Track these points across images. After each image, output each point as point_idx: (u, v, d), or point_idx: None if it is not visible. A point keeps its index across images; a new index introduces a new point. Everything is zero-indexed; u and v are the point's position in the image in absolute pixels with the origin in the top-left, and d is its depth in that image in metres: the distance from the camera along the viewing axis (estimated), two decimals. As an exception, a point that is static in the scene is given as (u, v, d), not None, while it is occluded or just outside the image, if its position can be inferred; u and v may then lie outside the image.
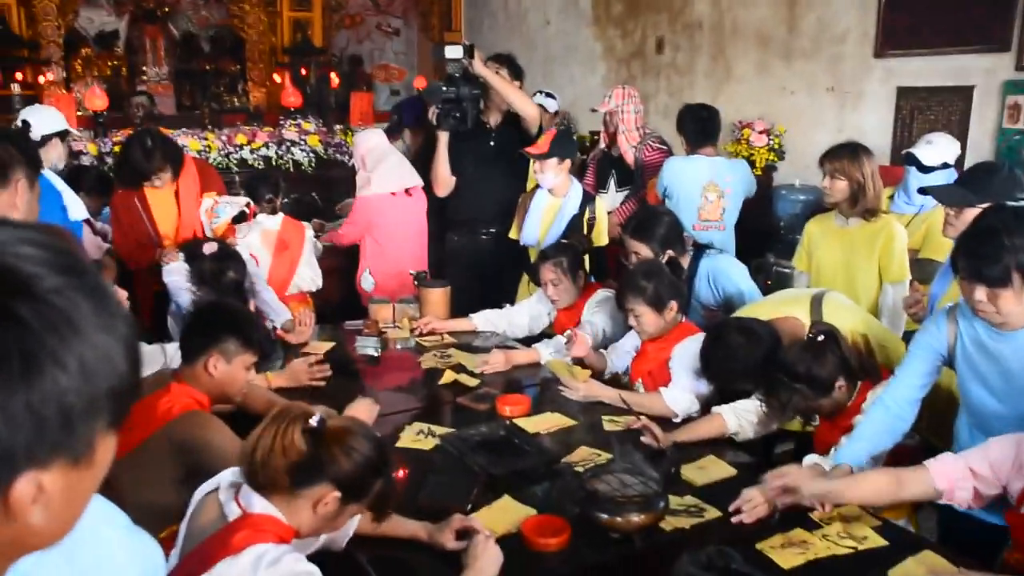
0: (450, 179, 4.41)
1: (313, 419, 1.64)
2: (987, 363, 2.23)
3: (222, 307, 2.54)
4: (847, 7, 5.09)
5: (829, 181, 3.33)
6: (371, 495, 1.68)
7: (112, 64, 9.06)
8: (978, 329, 2.23)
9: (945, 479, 1.97)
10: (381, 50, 10.42)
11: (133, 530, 1.01)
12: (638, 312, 2.93)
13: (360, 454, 1.64)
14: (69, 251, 0.66)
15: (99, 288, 0.66)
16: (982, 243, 2.06)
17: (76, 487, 0.66)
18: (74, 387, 0.62)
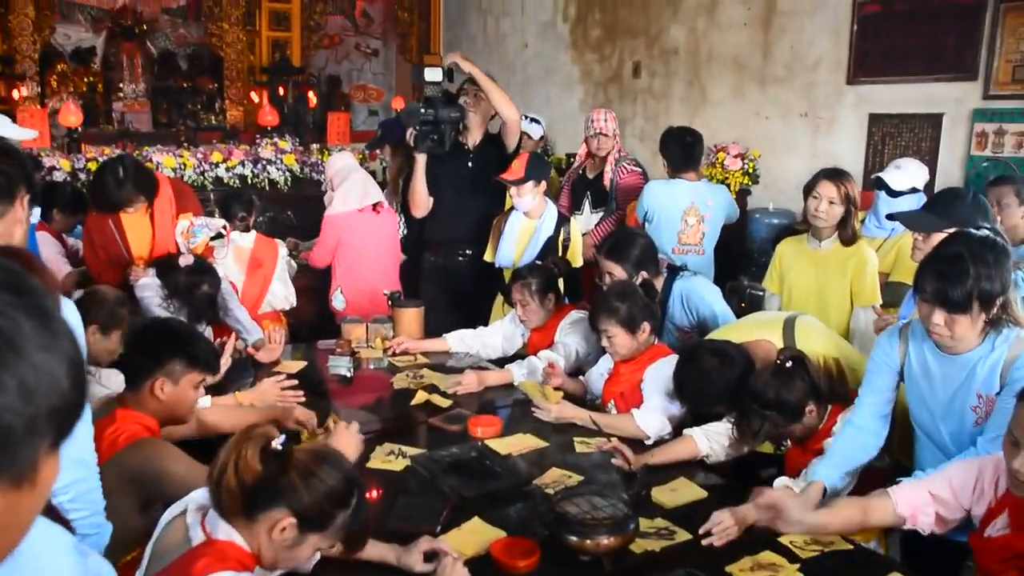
0: (428, 200, 4.40)
1: (276, 441, 1.60)
2: (928, 384, 2.28)
3: (164, 327, 2.46)
4: (820, 35, 5.17)
5: (827, 205, 3.32)
6: (334, 527, 1.64)
7: (88, 80, 9.01)
8: (926, 350, 2.28)
9: (907, 506, 2.01)
10: (359, 71, 10.45)
11: (80, 551, 0.99)
12: (611, 333, 2.93)
13: (322, 483, 1.60)
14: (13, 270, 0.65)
15: (42, 307, 0.65)
16: (947, 268, 2.09)
17: (18, 507, 0.65)
18: (13, 406, 0.61)
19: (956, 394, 2.21)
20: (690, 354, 2.74)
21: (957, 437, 2.24)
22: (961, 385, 2.19)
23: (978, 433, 2.16)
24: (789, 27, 5.36)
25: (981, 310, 2.08)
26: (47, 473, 0.67)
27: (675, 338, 3.40)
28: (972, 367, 2.17)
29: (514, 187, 3.93)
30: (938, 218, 2.71)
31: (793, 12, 5.33)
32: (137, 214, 3.86)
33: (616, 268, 3.35)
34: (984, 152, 4.41)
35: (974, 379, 2.16)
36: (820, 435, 2.46)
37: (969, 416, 2.18)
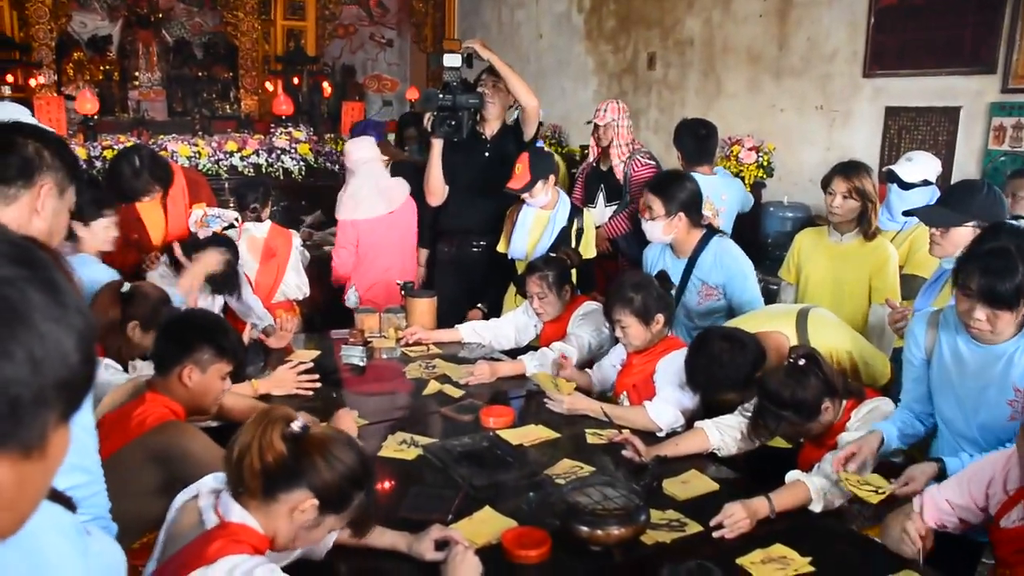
0: (443, 188, 4.39)
1: (296, 423, 1.62)
2: (959, 374, 2.26)
3: (195, 317, 2.52)
4: (837, 27, 5.13)
5: (841, 200, 3.31)
6: (351, 508, 1.66)
7: (104, 68, 9.04)
8: (958, 340, 2.26)
9: (932, 519, 2.04)
10: (374, 60, 10.46)
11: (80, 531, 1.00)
12: (625, 323, 2.93)
13: (342, 464, 1.63)
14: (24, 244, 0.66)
15: (52, 280, 0.66)
16: (994, 263, 2.07)
17: (28, 479, 0.66)
18: (21, 377, 0.62)
19: (990, 385, 2.19)
20: (701, 340, 2.74)
21: (988, 430, 2.22)
22: (997, 376, 2.18)
23: (1014, 427, 2.14)
24: (805, 19, 5.33)
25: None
26: (56, 445, 0.68)
27: (698, 293, 3.40)
28: (1009, 358, 2.16)
29: (525, 193, 3.92)
30: (955, 212, 2.68)
31: (810, 3, 5.29)
32: (151, 203, 3.88)
33: (656, 202, 3.35)
34: (1002, 146, 4.37)
35: (1011, 370, 2.15)
36: (834, 431, 2.45)
37: (1004, 410, 2.16)
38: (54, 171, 1.76)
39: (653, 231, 3.42)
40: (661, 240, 3.45)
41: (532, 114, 4.30)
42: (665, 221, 3.35)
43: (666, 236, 3.41)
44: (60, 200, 1.79)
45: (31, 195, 1.72)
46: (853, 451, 2.25)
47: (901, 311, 2.95)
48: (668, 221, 3.35)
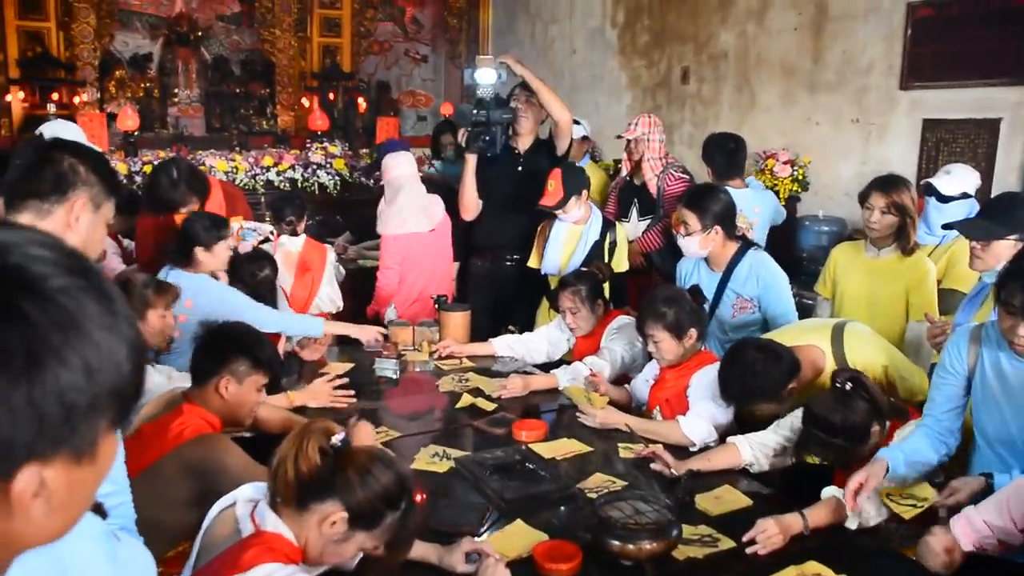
0: (477, 203, 4.41)
1: (336, 437, 1.65)
2: (1004, 390, 2.21)
3: (231, 329, 2.54)
4: (873, 39, 5.09)
5: (878, 215, 3.27)
6: (382, 527, 1.66)
7: (145, 86, 9.22)
8: (1001, 356, 2.21)
9: (969, 541, 1.98)
10: (409, 76, 10.54)
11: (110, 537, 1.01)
12: (657, 338, 2.92)
13: (376, 481, 1.64)
14: (77, 255, 0.68)
15: (105, 291, 0.68)
16: None
17: (79, 484, 0.67)
18: (76, 384, 0.63)
19: None
20: (735, 351, 2.72)
21: None
22: None
23: None
24: (841, 32, 5.29)
25: None
26: (105, 453, 0.69)
27: (732, 306, 3.38)
28: None
29: (558, 210, 3.92)
30: (996, 225, 2.63)
31: (845, 16, 5.25)
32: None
33: (691, 217, 3.32)
34: (1043, 159, 4.30)
35: None
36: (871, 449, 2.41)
37: None
38: (89, 186, 1.78)
39: (689, 246, 3.40)
40: (697, 255, 3.43)
41: (565, 128, 4.31)
42: (701, 235, 3.34)
43: (702, 250, 3.39)
44: (95, 215, 1.81)
45: (65, 209, 1.74)
46: (861, 482, 2.17)
47: (940, 326, 2.90)
48: (704, 235, 3.34)
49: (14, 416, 0.60)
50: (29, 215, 1.71)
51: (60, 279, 0.64)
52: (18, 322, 0.61)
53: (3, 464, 0.62)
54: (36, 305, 0.62)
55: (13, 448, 0.61)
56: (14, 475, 0.62)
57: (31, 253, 0.64)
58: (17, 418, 0.60)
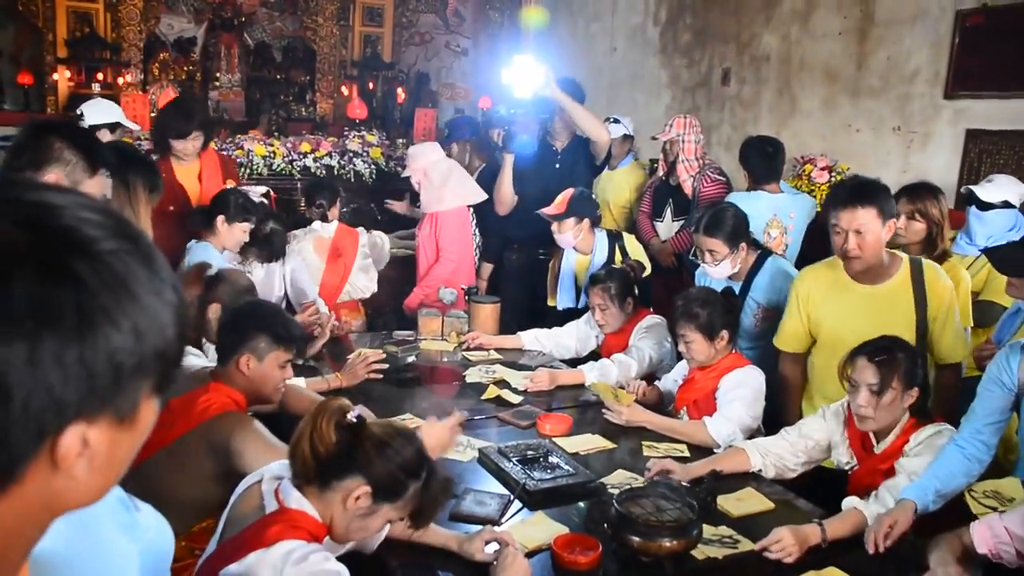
0: (513, 199, 4.44)
1: (351, 414, 1.67)
2: None
3: (253, 306, 2.56)
4: (919, 46, 5.01)
5: (905, 222, 3.23)
6: (406, 497, 1.69)
7: (187, 69, 9.30)
8: None
9: (984, 544, 1.94)
10: (448, 68, 10.55)
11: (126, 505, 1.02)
12: (689, 339, 2.91)
13: (396, 453, 1.66)
14: (124, 220, 0.69)
15: (152, 255, 0.69)
16: None
17: (119, 446, 0.69)
18: (125, 346, 0.64)
19: None
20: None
21: None
22: None
23: None
24: (887, 37, 5.21)
25: None
26: (146, 416, 0.70)
27: (753, 316, 3.35)
28: None
29: (554, 222, 3.92)
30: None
31: (892, 22, 5.18)
32: (189, 167, 4.04)
33: (715, 243, 3.28)
34: (1089, 174, 4.22)
35: None
36: (889, 454, 2.39)
37: None
38: (62, 164, 1.87)
39: (722, 272, 3.33)
40: (729, 275, 3.36)
41: (602, 147, 4.34)
42: (731, 257, 3.30)
43: (734, 270, 3.34)
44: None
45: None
46: (889, 527, 2.10)
47: (989, 347, 2.86)
48: (733, 256, 3.30)
49: (66, 374, 0.61)
50: None
51: (110, 242, 0.65)
52: (71, 283, 0.62)
53: (54, 421, 0.62)
54: (88, 266, 0.63)
55: (64, 406, 0.62)
56: (62, 433, 0.63)
57: (83, 216, 0.66)
58: (69, 376, 0.61)
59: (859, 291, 2.86)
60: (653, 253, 4.69)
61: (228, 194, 3.73)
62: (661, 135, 4.78)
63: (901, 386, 2.34)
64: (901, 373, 2.33)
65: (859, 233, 2.71)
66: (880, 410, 2.34)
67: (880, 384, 2.32)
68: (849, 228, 2.72)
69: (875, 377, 2.32)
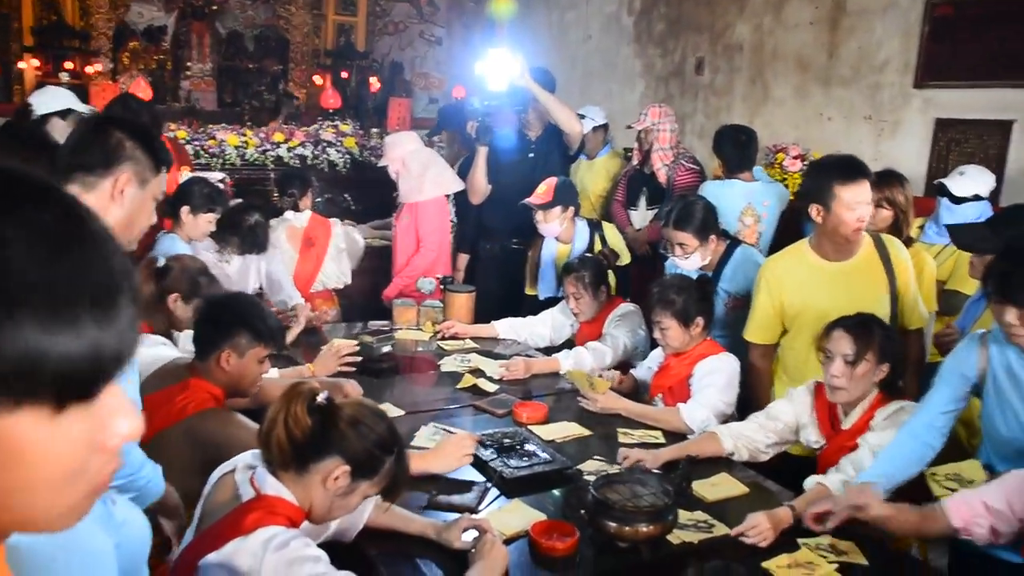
0: (486, 188, 4.44)
1: (321, 396, 1.67)
2: (1017, 390, 2.20)
3: (233, 301, 2.54)
4: (890, 36, 5.06)
5: (874, 209, 3.28)
6: (382, 473, 1.70)
7: (158, 58, 9.21)
8: (1010, 357, 2.20)
9: (960, 518, 1.96)
10: (422, 58, 10.51)
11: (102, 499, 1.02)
12: (665, 325, 2.93)
13: (370, 429, 1.68)
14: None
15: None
16: (1013, 264, 2.04)
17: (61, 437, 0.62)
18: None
19: None
20: None
21: None
22: None
23: None
24: (857, 27, 5.26)
25: None
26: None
27: (724, 305, 3.37)
28: None
29: (540, 212, 3.93)
30: (995, 237, 2.58)
31: (863, 12, 5.23)
32: None
33: (685, 236, 3.30)
34: (1055, 162, 4.30)
35: None
36: (855, 430, 2.42)
37: None
38: (134, 161, 1.81)
39: (691, 264, 3.34)
40: (699, 267, 3.37)
41: (575, 139, 4.34)
42: (700, 250, 3.33)
43: (704, 262, 3.36)
44: (141, 190, 1.83)
45: (110, 183, 1.77)
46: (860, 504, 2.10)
47: (953, 333, 2.91)
48: (704, 248, 3.33)
49: None
50: (76, 187, 1.73)
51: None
52: None
53: None
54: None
55: None
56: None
57: None
58: None
59: (831, 269, 2.91)
60: (628, 241, 4.71)
61: (193, 184, 3.68)
62: (636, 124, 4.80)
63: (875, 359, 2.39)
64: (876, 346, 2.39)
65: (870, 204, 2.81)
66: (853, 380, 2.39)
67: (855, 354, 2.37)
68: (867, 200, 2.79)
69: (851, 347, 2.37)
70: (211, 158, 5.73)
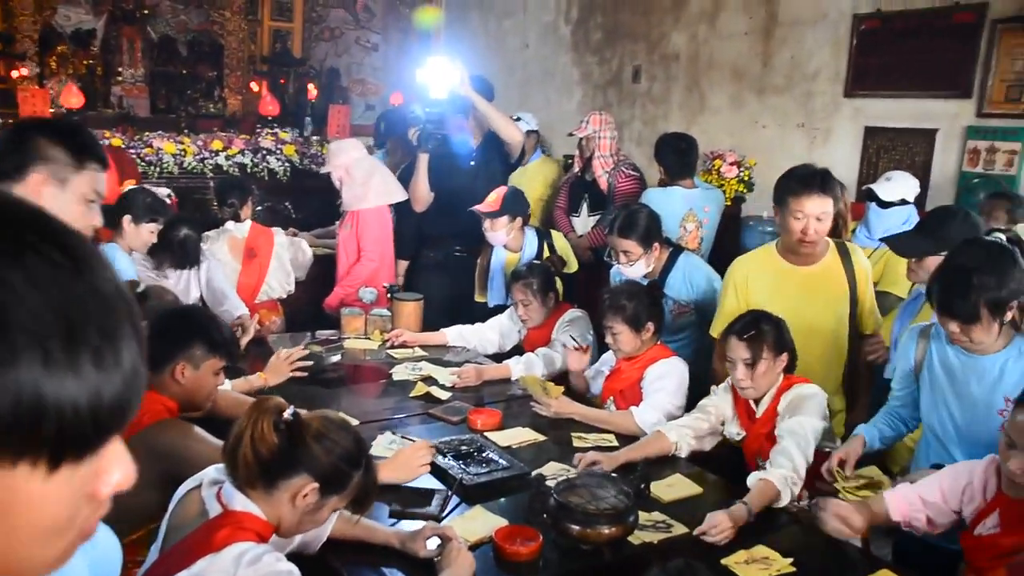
0: (429, 196, 4.45)
1: (287, 412, 1.66)
2: (952, 386, 2.33)
3: (186, 313, 2.52)
4: (820, 46, 5.24)
5: None
6: (351, 487, 1.71)
7: (87, 63, 8.97)
8: (949, 351, 2.34)
9: (899, 511, 2.10)
10: (359, 64, 10.45)
11: None
12: (616, 330, 2.99)
13: (338, 445, 1.67)
14: None
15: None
16: (953, 281, 2.17)
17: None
18: None
19: (981, 396, 2.26)
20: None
21: (978, 440, 2.25)
22: (988, 387, 2.25)
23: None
24: (790, 37, 5.43)
25: (993, 318, 2.16)
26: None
27: (670, 312, 3.44)
28: (999, 370, 2.24)
29: (488, 220, 3.97)
30: (926, 241, 2.72)
31: (794, 23, 5.40)
32: None
33: (629, 244, 3.37)
34: (976, 168, 4.49)
35: (1001, 383, 2.22)
36: (767, 417, 2.55)
37: (995, 420, 2.17)
38: (47, 162, 1.73)
39: (637, 272, 3.41)
40: (644, 274, 3.45)
41: (515, 147, 4.39)
42: (644, 258, 3.40)
43: (648, 269, 3.44)
44: (62, 191, 1.75)
45: (23, 189, 1.69)
46: (842, 458, 2.39)
47: (880, 346, 3.04)
48: (647, 256, 3.41)
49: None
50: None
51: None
52: None
53: None
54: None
55: None
56: None
57: None
58: None
59: (797, 274, 3.04)
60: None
61: (136, 193, 3.63)
62: (578, 131, 4.87)
63: (772, 355, 2.55)
64: (770, 344, 2.54)
65: (819, 220, 2.89)
66: (757, 379, 2.56)
67: (752, 357, 2.53)
68: (814, 214, 2.88)
69: (747, 352, 2.53)
70: (148, 166, 5.61)
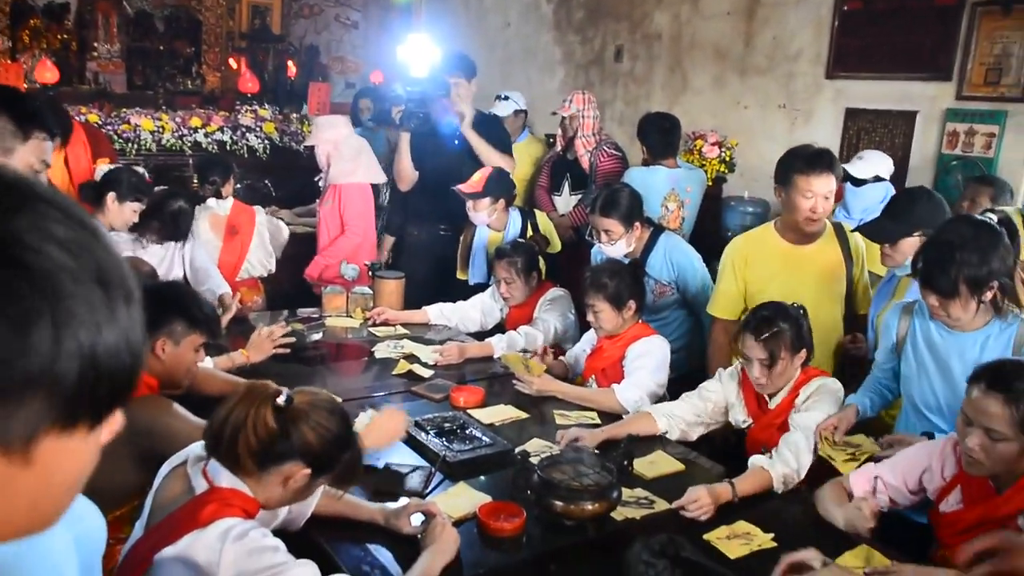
0: (413, 174, 4.44)
1: (281, 397, 1.66)
2: (933, 361, 2.37)
3: (166, 288, 2.50)
4: (802, 27, 5.25)
5: None
6: (340, 467, 1.71)
7: (62, 38, 8.80)
8: (932, 327, 2.37)
9: (861, 490, 2.17)
10: (339, 42, 10.34)
11: None
12: (598, 308, 3.00)
13: (327, 430, 1.67)
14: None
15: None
16: (937, 256, 2.21)
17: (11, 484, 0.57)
18: None
19: (963, 372, 2.27)
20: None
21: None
22: (970, 364, 2.24)
23: None
24: (772, 18, 5.44)
25: (971, 295, 2.19)
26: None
27: (651, 292, 3.45)
28: (980, 346, 2.28)
29: (470, 200, 3.96)
30: (898, 225, 2.75)
31: (777, 3, 5.40)
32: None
33: (611, 223, 3.39)
34: (955, 151, 4.53)
35: (982, 360, 2.22)
36: (781, 409, 2.54)
37: None
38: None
39: (618, 251, 3.42)
40: (625, 253, 3.45)
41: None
42: (626, 237, 3.41)
43: (629, 248, 3.45)
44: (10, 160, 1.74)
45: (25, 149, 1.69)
46: (835, 424, 2.41)
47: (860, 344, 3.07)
48: (628, 235, 3.41)
49: None
50: None
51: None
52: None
53: None
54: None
55: None
56: None
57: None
58: None
59: (793, 252, 3.07)
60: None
61: (121, 172, 3.60)
62: (561, 110, 4.86)
63: (790, 354, 2.50)
64: (787, 343, 2.48)
65: (826, 198, 2.95)
66: (774, 378, 2.51)
67: (770, 358, 2.48)
68: (822, 193, 2.93)
69: (763, 353, 2.48)
70: (126, 143, 5.55)
